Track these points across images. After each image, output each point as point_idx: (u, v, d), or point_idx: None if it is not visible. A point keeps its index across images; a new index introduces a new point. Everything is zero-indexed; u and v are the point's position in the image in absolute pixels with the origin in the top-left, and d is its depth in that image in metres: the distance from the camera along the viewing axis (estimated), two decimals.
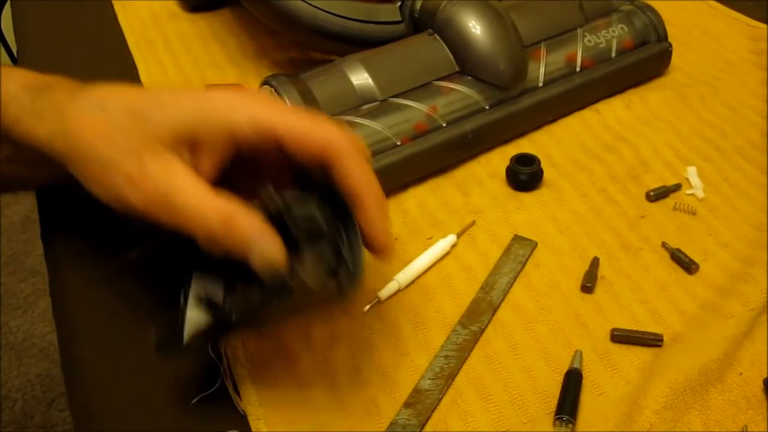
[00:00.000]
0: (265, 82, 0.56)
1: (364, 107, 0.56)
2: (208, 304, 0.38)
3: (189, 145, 0.39)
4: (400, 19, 0.63)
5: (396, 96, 0.57)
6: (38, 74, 0.44)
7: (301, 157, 0.40)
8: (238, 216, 0.37)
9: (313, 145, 0.39)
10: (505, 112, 0.59)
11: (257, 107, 0.39)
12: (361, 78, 0.56)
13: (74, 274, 0.50)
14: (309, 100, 0.54)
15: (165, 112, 0.39)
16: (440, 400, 0.42)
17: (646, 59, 0.66)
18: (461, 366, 0.44)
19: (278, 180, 0.41)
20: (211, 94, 0.40)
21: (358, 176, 0.39)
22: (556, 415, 0.41)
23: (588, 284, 0.48)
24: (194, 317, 0.38)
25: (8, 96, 0.42)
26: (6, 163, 0.46)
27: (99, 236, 0.52)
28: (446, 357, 0.44)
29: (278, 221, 0.38)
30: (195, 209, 0.37)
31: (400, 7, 0.63)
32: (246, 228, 0.37)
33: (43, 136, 0.41)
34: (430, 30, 0.60)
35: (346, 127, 0.39)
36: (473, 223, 0.54)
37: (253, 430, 0.41)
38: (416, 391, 0.43)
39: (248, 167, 0.42)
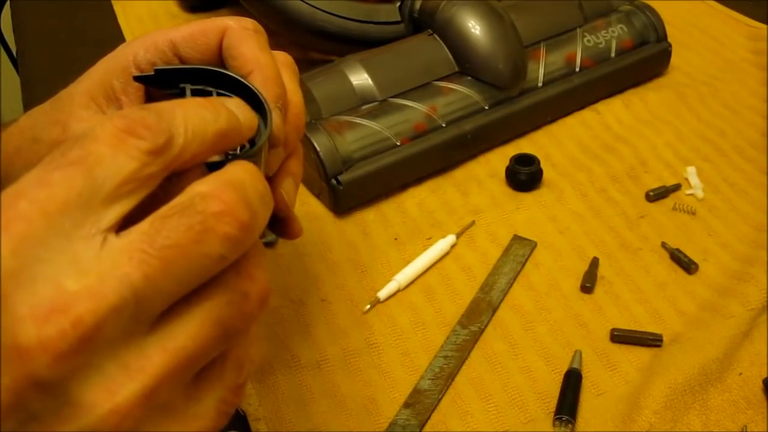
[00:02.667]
0: None
1: (364, 107, 0.56)
2: None
3: (107, 98, 0.39)
4: (399, 19, 0.64)
5: (395, 96, 0.57)
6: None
7: (203, 60, 0.39)
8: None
9: (207, 40, 0.39)
10: (504, 112, 0.59)
11: (153, 33, 0.40)
12: (360, 78, 0.56)
13: None
14: (309, 100, 0.54)
15: (80, 82, 0.40)
16: (440, 400, 0.42)
17: (646, 59, 0.66)
18: (461, 366, 0.44)
19: None
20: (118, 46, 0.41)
21: (246, 54, 0.38)
22: (555, 415, 0.41)
23: (587, 284, 0.48)
24: None
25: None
26: None
27: None
28: (446, 357, 0.44)
29: None
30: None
31: (400, 7, 0.63)
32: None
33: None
34: (429, 30, 0.60)
35: (240, 17, 0.39)
36: (473, 223, 0.54)
37: (253, 430, 0.41)
38: (416, 391, 0.43)
39: None
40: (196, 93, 0.35)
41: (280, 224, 0.39)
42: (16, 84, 0.74)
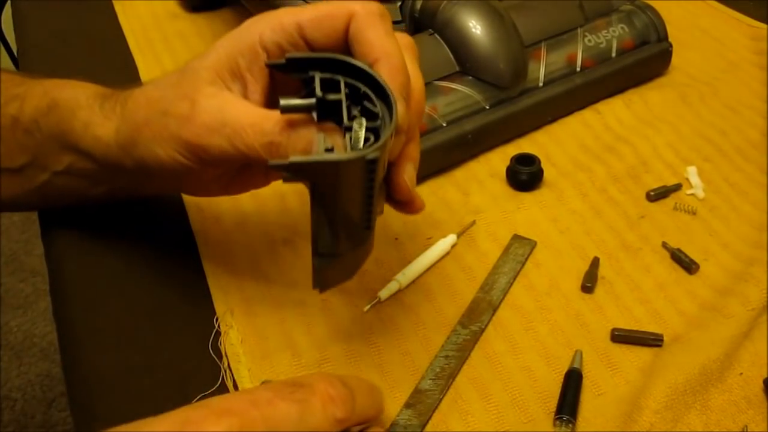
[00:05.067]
0: None
1: None
2: None
3: (232, 75, 0.40)
4: (400, 19, 0.63)
5: None
6: (103, 86, 0.47)
7: (328, 43, 0.39)
8: (296, 119, 0.37)
9: (333, 24, 0.39)
10: (505, 112, 0.59)
11: (280, 13, 0.40)
12: None
13: (74, 274, 0.50)
14: None
15: (205, 57, 0.41)
16: (441, 400, 0.42)
17: (647, 59, 0.66)
18: (461, 366, 0.44)
19: None
20: (243, 23, 0.41)
21: (373, 41, 0.38)
22: (556, 415, 0.41)
23: (588, 284, 0.48)
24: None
25: (79, 104, 0.45)
26: (62, 175, 0.47)
27: (99, 236, 0.52)
28: (446, 357, 0.44)
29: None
30: (252, 124, 0.38)
31: (401, 7, 0.63)
32: (306, 130, 0.37)
33: (110, 135, 0.43)
34: (430, 30, 0.60)
35: (366, 2, 0.40)
36: (473, 223, 0.54)
37: None
38: (417, 392, 0.43)
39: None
40: (324, 80, 0.36)
41: (403, 205, 0.41)
42: None
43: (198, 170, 0.41)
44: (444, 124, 0.57)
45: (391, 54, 0.38)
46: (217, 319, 0.46)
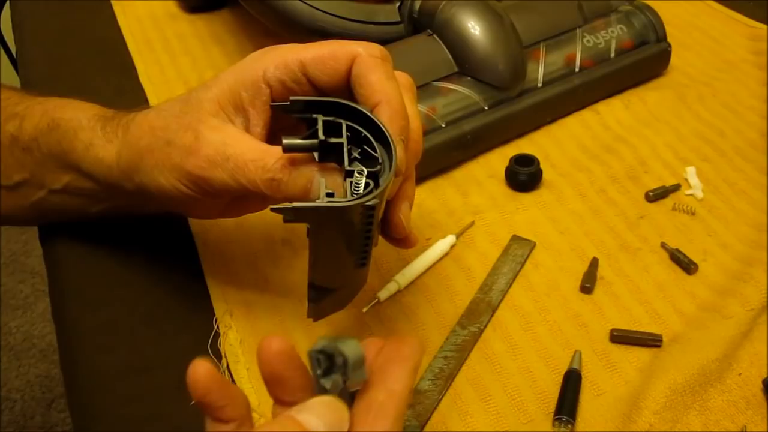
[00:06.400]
0: None
1: None
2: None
3: (235, 108, 0.40)
4: (399, 19, 0.63)
5: None
6: (105, 108, 0.47)
7: (330, 83, 0.40)
8: (297, 157, 0.38)
9: (336, 65, 0.40)
10: (504, 113, 0.59)
11: (283, 49, 0.41)
12: None
13: (73, 276, 0.50)
14: None
15: (209, 88, 0.41)
16: (440, 400, 0.42)
17: (645, 59, 0.66)
18: (460, 367, 0.44)
19: None
20: (247, 57, 0.41)
21: (375, 85, 0.39)
22: (555, 415, 0.41)
23: (587, 284, 0.48)
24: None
25: (81, 125, 0.45)
26: (59, 194, 0.48)
27: (98, 237, 0.52)
28: (445, 358, 0.44)
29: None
30: (254, 159, 0.38)
31: (399, 7, 0.63)
32: (307, 168, 0.38)
33: (112, 157, 0.43)
34: (429, 30, 0.60)
35: (369, 44, 0.40)
36: (472, 223, 0.54)
37: None
38: (416, 392, 0.43)
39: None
40: (326, 123, 0.37)
41: (398, 241, 0.42)
42: (16, 84, 0.74)
43: (198, 198, 0.42)
44: (443, 125, 0.57)
45: (391, 98, 0.38)
46: (216, 320, 0.46)
